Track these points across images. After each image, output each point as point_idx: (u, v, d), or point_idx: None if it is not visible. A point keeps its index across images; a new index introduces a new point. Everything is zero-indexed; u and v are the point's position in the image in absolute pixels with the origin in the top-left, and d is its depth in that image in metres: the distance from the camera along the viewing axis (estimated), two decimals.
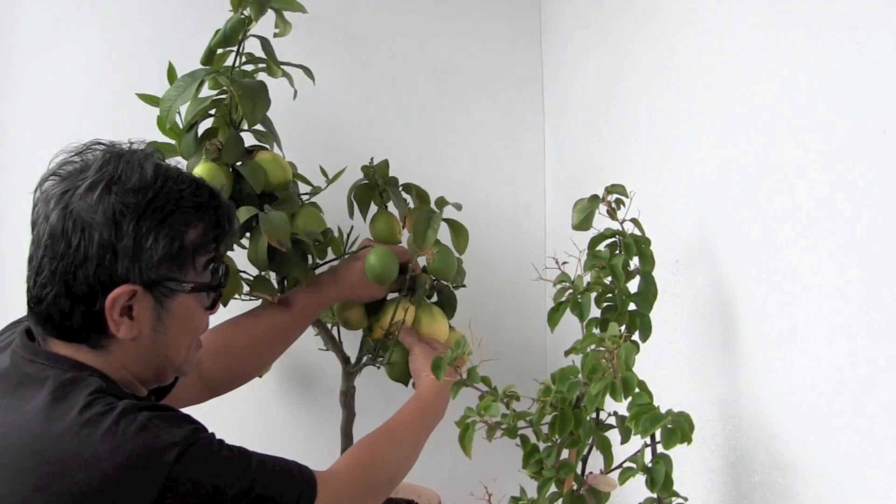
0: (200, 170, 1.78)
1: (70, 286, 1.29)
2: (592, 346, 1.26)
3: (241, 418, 1.60)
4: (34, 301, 1.32)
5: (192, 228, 1.35)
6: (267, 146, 1.93)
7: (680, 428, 1.17)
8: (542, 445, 1.30)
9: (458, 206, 1.90)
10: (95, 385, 1.27)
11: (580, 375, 1.26)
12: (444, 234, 1.87)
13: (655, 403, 1.21)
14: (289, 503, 1.31)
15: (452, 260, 1.87)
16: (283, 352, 1.87)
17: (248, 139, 1.90)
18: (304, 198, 1.96)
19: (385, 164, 1.96)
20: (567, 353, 1.33)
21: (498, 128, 2.35)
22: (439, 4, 2.34)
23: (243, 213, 1.75)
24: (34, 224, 1.34)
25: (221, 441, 1.30)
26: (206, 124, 1.90)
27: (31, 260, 1.33)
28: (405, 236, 1.92)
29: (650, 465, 1.20)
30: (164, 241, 1.30)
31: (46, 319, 1.32)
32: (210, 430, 1.30)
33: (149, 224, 1.30)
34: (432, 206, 1.91)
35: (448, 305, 1.94)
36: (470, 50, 2.34)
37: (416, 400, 1.73)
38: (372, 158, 1.96)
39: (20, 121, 2.25)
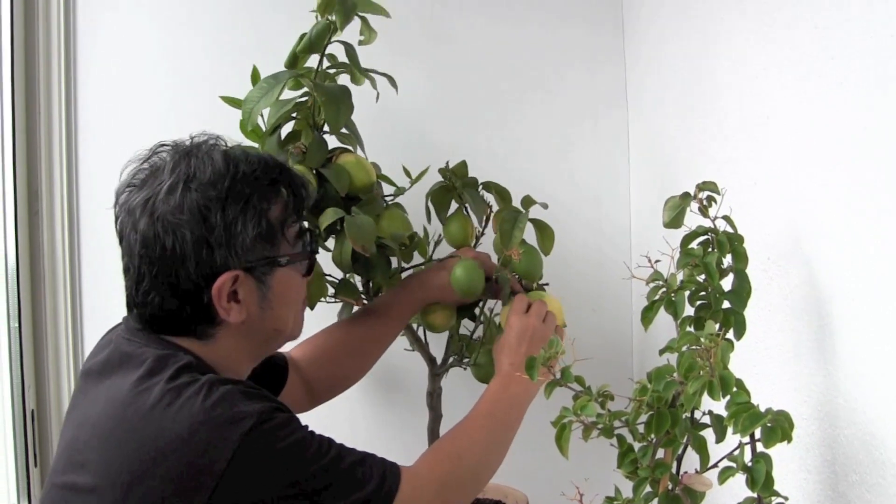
0: None
1: (175, 287, 1.34)
2: (689, 345, 1.25)
3: (327, 419, 1.61)
4: (139, 307, 1.37)
5: (274, 204, 1.40)
6: (350, 148, 1.94)
7: (780, 426, 1.16)
8: (636, 445, 1.29)
9: (545, 206, 1.89)
10: (186, 361, 1.32)
11: (675, 374, 1.26)
12: (528, 235, 1.86)
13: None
14: (371, 492, 1.32)
15: (539, 260, 1.87)
16: (381, 356, 1.90)
17: (332, 141, 1.91)
18: (388, 199, 1.97)
19: (463, 165, 1.95)
20: (662, 352, 1.32)
21: (580, 125, 2.34)
22: (520, 2, 2.33)
23: (329, 215, 1.76)
24: (121, 236, 1.38)
25: (302, 425, 1.32)
26: (289, 127, 1.92)
27: (126, 270, 1.38)
28: (488, 237, 1.92)
29: (750, 464, 1.19)
30: (252, 223, 1.35)
31: (154, 320, 1.37)
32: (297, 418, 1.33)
33: (234, 210, 1.34)
34: (515, 204, 1.91)
35: None
36: (550, 48, 2.34)
37: (494, 386, 1.69)
38: (448, 161, 1.96)
39: (104, 126, 2.29)
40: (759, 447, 1.19)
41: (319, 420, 1.65)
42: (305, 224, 1.49)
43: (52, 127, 2.27)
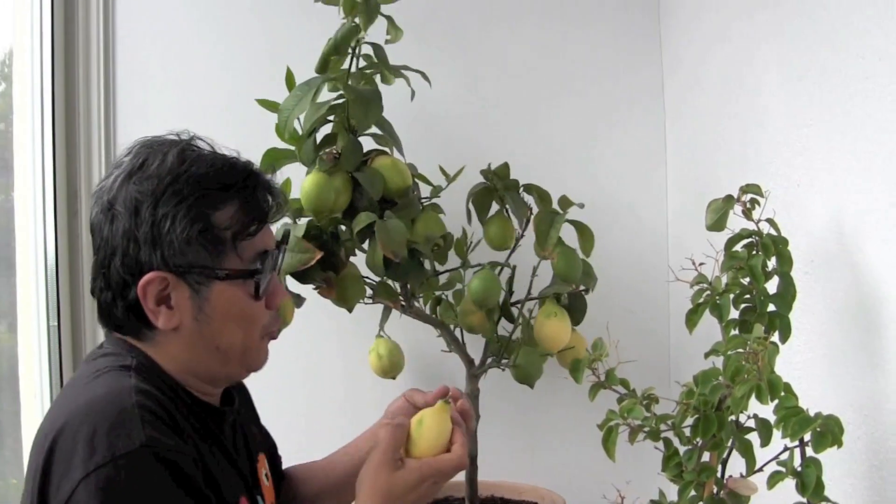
0: (309, 181, 1.81)
1: (107, 278, 1.28)
2: (737, 348, 1.24)
3: (364, 420, 1.61)
4: (95, 298, 1.34)
5: (220, 210, 1.27)
6: (387, 150, 1.94)
7: (830, 431, 1.16)
8: (681, 448, 1.29)
9: (581, 205, 1.89)
10: (129, 362, 1.27)
11: (721, 378, 1.25)
12: (569, 237, 1.87)
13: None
14: None
15: (577, 262, 1.86)
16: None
17: (370, 143, 1.91)
18: (424, 200, 1.98)
19: (505, 166, 1.95)
20: (707, 355, 1.32)
21: (616, 128, 2.33)
22: (555, 4, 2.33)
23: (362, 220, 1.77)
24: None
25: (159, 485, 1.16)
26: (326, 130, 1.93)
27: None
28: (528, 239, 1.92)
29: (800, 469, 1.18)
30: (182, 225, 1.24)
31: (102, 314, 1.33)
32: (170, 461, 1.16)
33: (165, 208, 1.24)
34: (550, 207, 1.91)
35: (577, 310, 1.92)
36: (587, 49, 2.33)
37: None
38: (490, 163, 1.96)
39: (143, 127, 2.27)
40: (809, 452, 1.18)
41: (356, 421, 1.66)
42: (272, 242, 1.36)
43: (92, 128, 2.29)
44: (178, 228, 1.24)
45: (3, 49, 2.29)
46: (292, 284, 1.85)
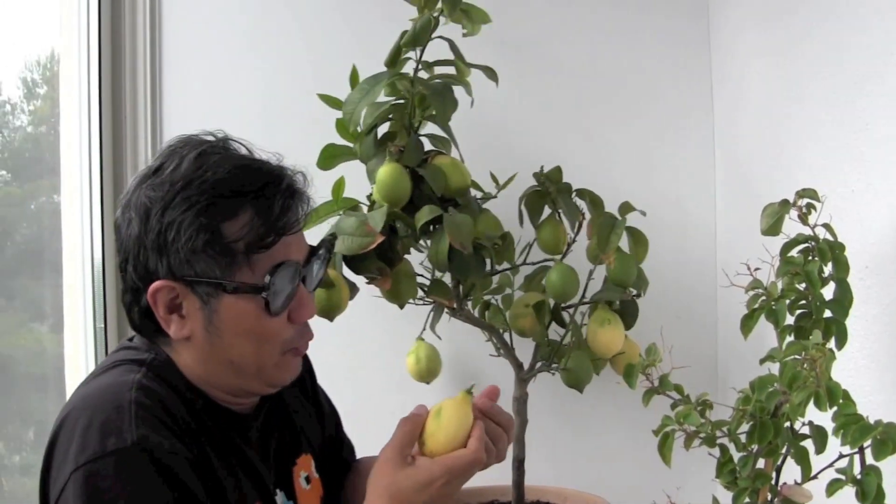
0: (385, 171, 1.81)
1: (125, 281, 1.27)
2: (794, 355, 1.23)
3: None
4: None
5: (232, 220, 1.21)
6: (444, 151, 1.95)
7: (891, 439, 1.14)
8: (736, 455, 1.27)
9: (643, 213, 1.88)
10: (145, 357, 1.28)
11: (777, 384, 1.24)
12: (622, 242, 1.86)
13: None
14: None
15: (633, 267, 1.86)
16: None
17: (427, 144, 1.92)
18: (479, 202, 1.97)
19: (557, 170, 1.95)
20: (762, 361, 1.31)
21: (666, 132, 2.32)
22: (608, 10, 2.33)
23: (426, 213, 1.77)
24: None
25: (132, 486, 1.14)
26: (384, 128, 1.93)
27: None
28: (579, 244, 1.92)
29: (859, 476, 1.16)
30: (187, 234, 1.19)
31: (126, 313, 1.31)
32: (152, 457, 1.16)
33: (172, 215, 1.20)
34: (608, 211, 1.90)
35: (629, 315, 1.91)
36: (638, 54, 2.33)
37: None
38: (542, 167, 1.96)
39: (191, 127, 2.29)
40: (869, 460, 1.17)
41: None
42: (299, 253, 1.30)
43: (138, 130, 2.31)
44: (182, 237, 1.20)
45: (46, 52, 2.30)
46: (347, 273, 1.85)
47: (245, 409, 1.37)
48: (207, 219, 1.20)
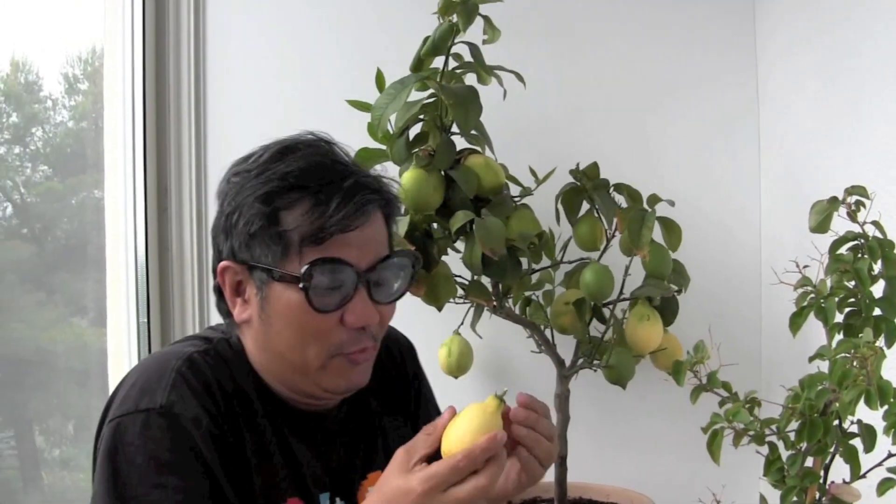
0: (409, 176, 1.81)
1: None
2: (844, 353, 1.22)
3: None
4: None
5: (289, 210, 1.23)
6: (478, 149, 1.94)
7: None
8: (784, 453, 1.27)
9: (671, 203, 1.88)
10: (214, 336, 1.35)
11: (827, 382, 1.23)
12: (656, 235, 1.85)
13: None
14: None
15: (668, 258, 1.85)
16: None
17: (460, 142, 1.91)
18: (516, 200, 1.96)
19: (594, 166, 1.94)
20: (812, 359, 1.30)
21: (710, 127, 2.31)
22: (649, 3, 2.32)
23: (460, 218, 1.77)
24: None
25: (153, 438, 1.20)
26: (416, 129, 1.93)
27: None
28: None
29: None
30: (246, 218, 1.24)
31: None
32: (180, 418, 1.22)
33: (240, 200, 1.25)
34: (635, 204, 1.89)
35: (669, 312, 1.90)
36: (681, 47, 2.32)
37: None
38: (578, 163, 1.95)
39: (232, 125, 2.35)
40: None
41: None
42: (359, 257, 1.27)
43: (182, 126, 2.33)
44: (242, 221, 1.25)
45: (87, 48, 2.33)
46: None
47: (312, 407, 1.38)
48: (267, 206, 1.23)
